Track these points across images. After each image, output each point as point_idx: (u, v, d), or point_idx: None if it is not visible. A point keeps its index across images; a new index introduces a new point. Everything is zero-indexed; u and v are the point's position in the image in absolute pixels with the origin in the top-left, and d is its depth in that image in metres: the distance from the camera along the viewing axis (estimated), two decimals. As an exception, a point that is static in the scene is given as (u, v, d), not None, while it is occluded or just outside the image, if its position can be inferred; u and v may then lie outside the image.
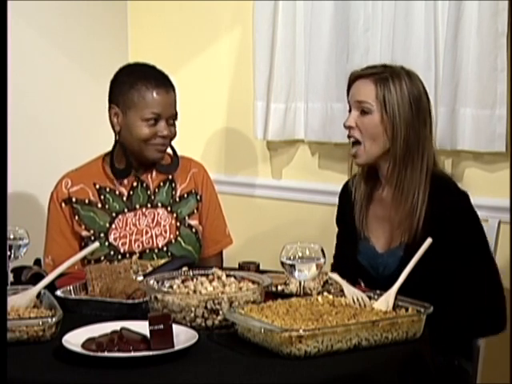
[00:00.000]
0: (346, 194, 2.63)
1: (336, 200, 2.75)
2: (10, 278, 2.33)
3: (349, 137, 2.48)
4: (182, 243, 2.75)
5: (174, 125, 2.73)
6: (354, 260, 2.54)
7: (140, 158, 2.72)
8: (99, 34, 3.67)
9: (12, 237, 2.24)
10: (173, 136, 2.72)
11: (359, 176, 2.57)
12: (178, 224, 2.76)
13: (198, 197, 2.82)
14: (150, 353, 1.78)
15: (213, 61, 3.61)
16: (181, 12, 3.67)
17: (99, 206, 2.73)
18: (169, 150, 2.77)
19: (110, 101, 2.73)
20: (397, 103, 2.40)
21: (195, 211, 2.80)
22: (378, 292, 2.09)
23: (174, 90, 2.72)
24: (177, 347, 1.81)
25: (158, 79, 2.70)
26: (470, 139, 2.91)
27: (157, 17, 3.74)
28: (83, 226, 2.71)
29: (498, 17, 2.81)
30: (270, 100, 3.34)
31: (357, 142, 2.46)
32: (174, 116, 2.72)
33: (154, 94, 2.66)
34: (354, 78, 2.48)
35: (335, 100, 3.14)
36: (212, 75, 3.62)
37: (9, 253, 2.22)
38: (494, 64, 2.84)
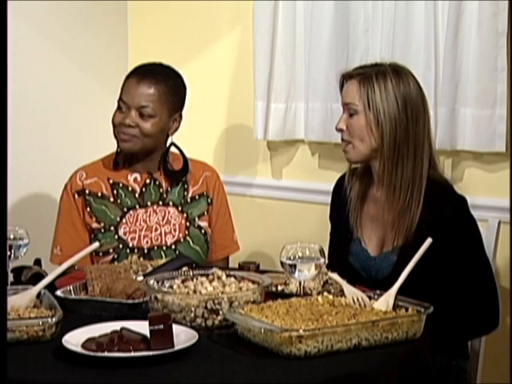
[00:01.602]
0: (340, 188, 2.62)
1: (336, 200, 2.75)
2: (10, 277, 2.33)
3: (342, 139, 2.49)
4: (191, 243, 2.77)
5: (148, 120, 2.69)
6: (345, 261, 2.54)
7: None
8: (99, 34, 3.67)
9: (12, 237, 2.24)
10: (143, 131, 2.69)
11: (354, 174, 2.57)
12: (188, 224, 2.78)
13: (209, 200, 2.84)
14: (150, 353, 1.78)
15: (213, 61, 3.61)
16: (181, 12, 3.67)
17: (111, 200, 2.75)
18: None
19: None
20: (381, 102, 2.39)
21: (205, 213, 2.82)
22: (377, 292, 2.09)
23: (157, 84, 2.70)
24: (177, 347, 1.81)
25: (143, 72, 2.73)
26: (470, 139, 2.91)
27: (157, 17, 3.74)
28: (94, 218, 2.74)
29: (498, 17, 2.81)
30: (270, 100, 3.34)
31: (348, 143, 2.47)
32: (145, 108, 2.68)
33: (127, 83, 2.71)
34: (344, 79, 2.50)
35: (335, 100, 3.13)
36: (212, 75, 3.62)
37: (9, 253, 2.22)
38: (494, 64, 2.84)
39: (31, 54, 3.43)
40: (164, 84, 2.72)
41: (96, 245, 2.33)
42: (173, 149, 2.81)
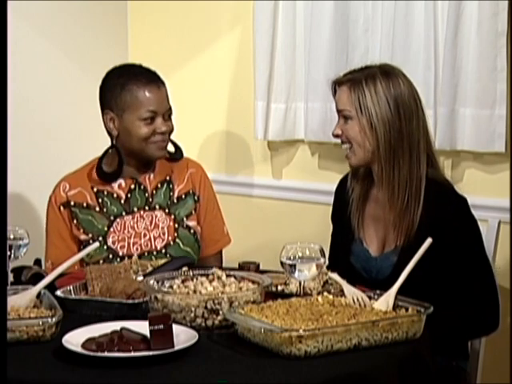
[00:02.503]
0: (342, 189, 2.63)
1: (336, 200, 2.75)
2: (10, 277, 2.33)
3: (342, 143, 2.50)
4: (181, 245, 2.75)
5: (170, 119, 2.73)
6: (346, 262, 2.54)
7: (142, 159, 2.73)
8: (99, 34, 3.67)
9: (12, 237, 2.24)
10: (171, 130, 2.72)
11: (356, 176, 2.57)
12: (176, 226, 2.76)
13: (196, 197, 2.81)
14: (150, 353, 1.78)
15: (213, 61, 3.61)
16: (181, 12, 3.67)
17: (97, 209, 2.72)
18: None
19: (103, 107, 2.73)
20: (373, 106, 2.40)
21: (193, 212, 2.80)
22: (377, 292, 2.09)
23: (164, 85, 2.72)
24: (177, 347, 1.81)
25: (148, 77, 2.70)
26: (469, 139, 2.91)
27: (157, 17, 3.74)
28: (81, 230, 2.71)
29: (498, 17, 2.81)
30: (271, 100, 3.34)
31: (350, 146, 2.47)
32: (169, 111, 2.72)
33: (147, 92, 2.66)
34: (335, 86, 2.50)
35: (335, 100, 3.14)
36: (212, 75, 3.62)
37: (9, 253, 2.22)
38: (493, 64, 2.84)
39: (31, 54, 3.43)
40: (160, 80, 2.74)
41: (96, 244, 2.33)
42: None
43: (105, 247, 2.70)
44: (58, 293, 2.18)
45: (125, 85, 2.67)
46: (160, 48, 3.68)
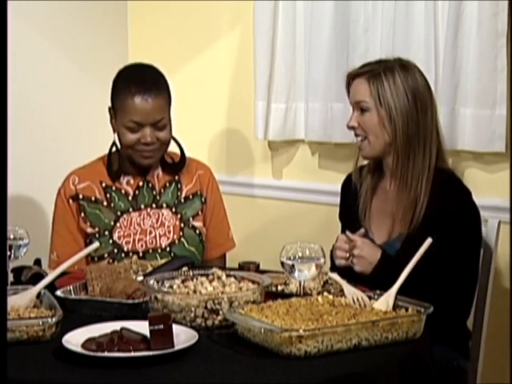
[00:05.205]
0: (348, 185, 2.65)
1: (336, 200, 2.75)
2: (10, 277, 2.33)
3: (356, 135, 2.52)
4: (185, 244, 2.75)
5: (163, 129, 2.65)
6: None
7: (132, 162, 2.72)
8: (99, 34, 3.67)
9: (12, 237, 2.24)
10: (163, 141, 2.66)
11: (366, 168, 2.59)
12: (182, 225, 2.77)
13: (203, 199, 2.82)
14: (150, 353, 1.78)
15: (213, 61, 3.61)
16: (181, 12, 3.67)
17: (105, 204, 2.73)
18: (177, 150, 2.77)
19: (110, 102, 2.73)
20: (391, 97, 2.44)
21: (200, 213, 2.80)
22: (377, 292, 2.09)
23: (160, 94, 2.63)
24: (177, 347, 1.82)
25: (140, 85, 2.62)
26: (469, 139, 2.91)
27: (157, 17, 3.74)
28: (88, 223, 2.72)
29: (498, 17, 2.81)
30: (271, 100, 3.34)
31: (364, 138, 2.50)
32: (160, 121, 2.63)
33: (133, 101, 2.60)
34: (351, 78, 2.52)
35: (335, 100, 3.13)
36: (212, 75, 3.62)
37: (9, 253, 2.22)
38: (494, 64, 2.84)
39: (31, 53, 3.43)
40: (162, 88, 2.66)
41: (96, 244, 2.33)
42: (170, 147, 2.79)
43: (110, 241, 2.70)
44: (58, 293, 2.18)
45: (120, 89, 2.65)
46: (160, 48, 3.68)
